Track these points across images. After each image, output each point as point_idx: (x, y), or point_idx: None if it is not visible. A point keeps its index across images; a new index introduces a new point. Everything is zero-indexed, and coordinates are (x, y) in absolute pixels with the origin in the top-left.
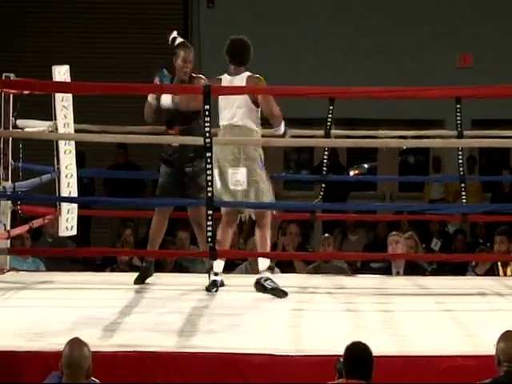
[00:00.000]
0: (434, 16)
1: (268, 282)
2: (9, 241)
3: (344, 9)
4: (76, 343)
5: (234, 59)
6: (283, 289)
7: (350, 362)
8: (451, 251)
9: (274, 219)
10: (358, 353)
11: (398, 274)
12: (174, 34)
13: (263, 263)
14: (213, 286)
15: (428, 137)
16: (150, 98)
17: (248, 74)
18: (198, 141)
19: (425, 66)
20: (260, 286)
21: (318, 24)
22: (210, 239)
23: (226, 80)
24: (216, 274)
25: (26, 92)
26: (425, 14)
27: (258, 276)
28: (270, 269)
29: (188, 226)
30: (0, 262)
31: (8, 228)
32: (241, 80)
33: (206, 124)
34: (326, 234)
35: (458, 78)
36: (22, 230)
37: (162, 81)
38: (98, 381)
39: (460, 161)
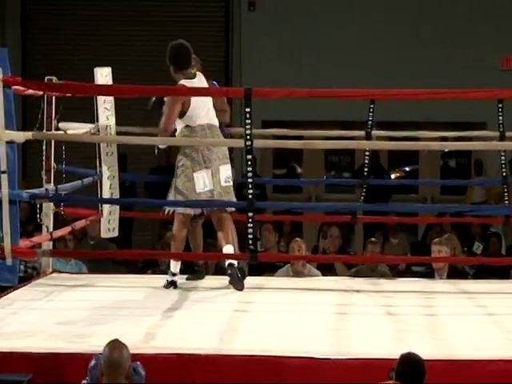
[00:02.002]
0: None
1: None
2: (51, 243)
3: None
4: (116, 345)
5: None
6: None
7: (403, 371)
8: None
9: (314, 222)
10: (411, 363)
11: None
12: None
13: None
14: (169, 285)
15: (470, 139)
16: None
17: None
18: (239, 143)
19: (466, 67)
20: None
21: (358, 24)
22: (250, 242)
23: (192, 84)
24: (174, 275)
25: (68, 94)
26: (464, 16)
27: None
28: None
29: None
30: (43, 264)
31: (51, 230)
32: (201, 81)
33: (247, 127)
34: (372, 239)
35: (500, 79)
36: (64, 232)
37: None
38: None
39: (502, 163)
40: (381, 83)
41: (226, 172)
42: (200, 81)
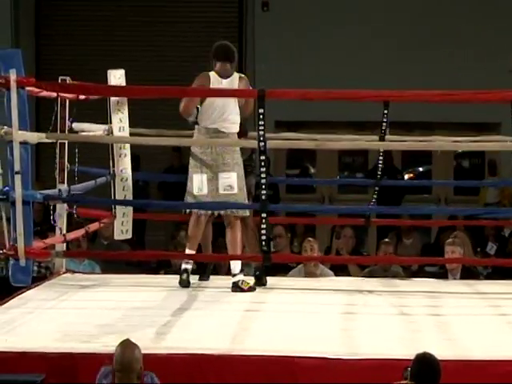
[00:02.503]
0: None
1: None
2: (65, 243)
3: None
4: (127, 345)
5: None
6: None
7: (419, 371)
8: (506, 255)
9: (326, 223)
10: (427, 363)
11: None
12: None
13: (236, 266)
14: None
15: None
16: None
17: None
18: (253, 144)
19: (478, 69)
20: (238, 289)
21: (372, 25)
22: (263, 243)
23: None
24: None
25: (82, 96)
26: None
27: (234, 279)
28: (242, 271)
29: (242, 228)
30: (56, 264)
31: (64, 231)
32: (232, 84)
33: (261, 128)
34: (385, 239)
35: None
36: (77, 233)
37: None
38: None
39: None
40: (390, 84)
41: (225, 180)
42: (231, 83)
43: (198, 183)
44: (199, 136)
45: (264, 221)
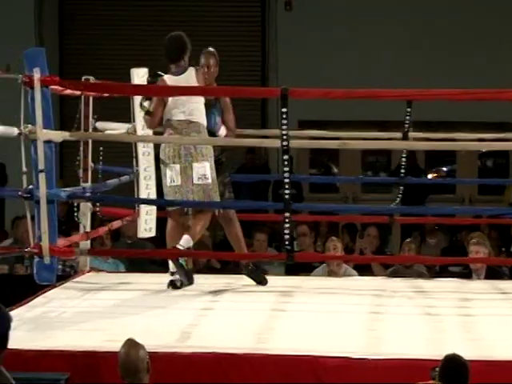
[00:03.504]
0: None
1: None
2: (89, 241)
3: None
4: (132, 345)
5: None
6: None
7: (447, 372)
8: None
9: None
10: (456, 365)
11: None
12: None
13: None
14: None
15: (508, 139)
16: None
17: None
18: (276, 143)
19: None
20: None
21: (398, 23)
22: (287, 242)
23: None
24: (172, 274)
25: (105, 94)
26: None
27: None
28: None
29: (265, 227)
30: (80, 263)
31: (88, 229)
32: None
33: (284, 127)
34: (408, 239)
35: None
36: (101, 231)
37: None
38: None
39: None
40: (413, 83)
41: (199, 169)
42: (186, 78)
43: (170, 174)
44: (171, 130)
45: (287, 220)
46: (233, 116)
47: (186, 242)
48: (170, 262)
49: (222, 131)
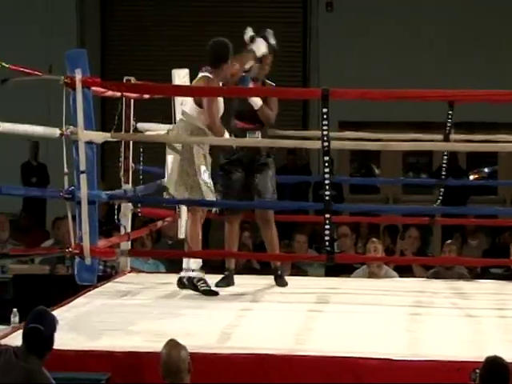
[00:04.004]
0: None
1: (200, 282)
2: (130, 242)
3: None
4: (173, 345)
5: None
6: (214, 289)
7: (488, 375)
8: None
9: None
10: (497, 367)
11: None
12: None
13: (195, 262)
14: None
15: None
16: None
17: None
18: (316, 144)
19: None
20: (192, 286)
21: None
22: (327, 243)
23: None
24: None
25: (146, 95)
26: None
27: (186, 274)
28: (201, 268)
29: (305, 228)
30: (121, 263)
31: (128, 230)
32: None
33: (324, 128)
34: (449, 241)
35: None
36: (142, 232)
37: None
38: None
39: None
40: (453, 84)
41: (170, 164)
42: None
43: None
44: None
45: (327, 221)
46: (276, 100)
47: (196, 265)
48: (185, 261)
49: (257, 99)
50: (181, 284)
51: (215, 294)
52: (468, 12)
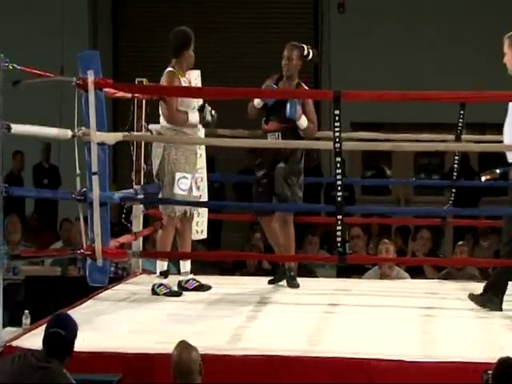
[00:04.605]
0: None
1: (161, 287)
2: (141, 244)
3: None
4: (184, 347)
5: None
6: (177, 290)
7: (500, 375)
8: None
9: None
10: (510, 369)
11: None
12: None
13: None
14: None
15: None
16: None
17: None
18: (328, 145)
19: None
20: (153, 293)
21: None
22: (339, 244)
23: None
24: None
25: (157, 96)
26: None
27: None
28: (163, 274)
29: (317, 229)
30: (133, 265)
31: (140, 231)
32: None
33: (336, 129)
34: (460, 242)
35: None
36: (150, 231)
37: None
38: None
39: None
40: (467, 85)
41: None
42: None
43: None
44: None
45: (339, 222)
46: (313, 109)
47: (160, 266)
48: (158, 262)
49: (304, 120)
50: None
51: (178, 294)
52: (469, 12)
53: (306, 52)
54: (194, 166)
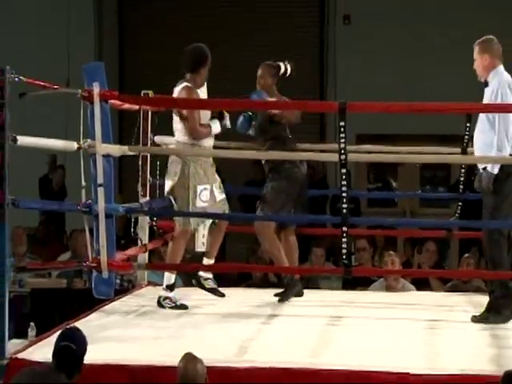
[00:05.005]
0: None
1: (167, 301)
2: (147, 256)
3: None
4: (190, 359)
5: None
6: (183, 303)
7: None
8: None
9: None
10: None
11: None
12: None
13: (167, 279)
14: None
15: None
16: None
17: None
18: (334, 157)
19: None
20: (159, 305)
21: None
22: (345, 256)
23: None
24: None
25: (163, 108)
26: None
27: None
28: (169, 288)
29: (323, 241)
30: (138, 277)
31: (146, 243)
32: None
33: (342, 140)
34: (466, 254)
35: None
36: (157, 244)
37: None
38: None
39: None
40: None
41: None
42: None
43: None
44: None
45: (345, 234)
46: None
47: (168, 279)
48: (166, 275)
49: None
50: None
51: (184, 308)
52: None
53: (282, 70)
54: (212, 177)
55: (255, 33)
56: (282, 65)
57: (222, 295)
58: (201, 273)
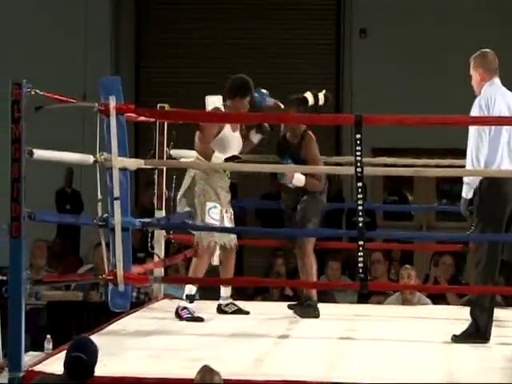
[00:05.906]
0: None
1: (184, 311)
2: (163, 269)
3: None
4: (207, 371)
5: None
6: (199, 316)
7: None
8: None
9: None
10: None
11: None
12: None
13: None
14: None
15: None
16: None
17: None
18: (350, 170)
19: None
20: (177, 315)
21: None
22: (361, 270)
23: None
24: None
25: (179, 122)
26: None
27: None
28: (189, 298)
29: (339, 255)
30: (155, 290)
31: (162, 256)
32: None
33: (358, 153)
34: None
35: None
36: (176, 259)
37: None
38: None
39: None
40: None
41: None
42: None
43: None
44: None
45: (361, 248)
46: (317, 157)
47: (189, 290)
48: (187, 286)
49: (298, 180)
50: (219, 310)
51: (200, 320)
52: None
53: (311, 101)
54: (224, 200)
55: (270, 48)
56: (308, 97)
57: (247, 313)
58: (220, 301)
